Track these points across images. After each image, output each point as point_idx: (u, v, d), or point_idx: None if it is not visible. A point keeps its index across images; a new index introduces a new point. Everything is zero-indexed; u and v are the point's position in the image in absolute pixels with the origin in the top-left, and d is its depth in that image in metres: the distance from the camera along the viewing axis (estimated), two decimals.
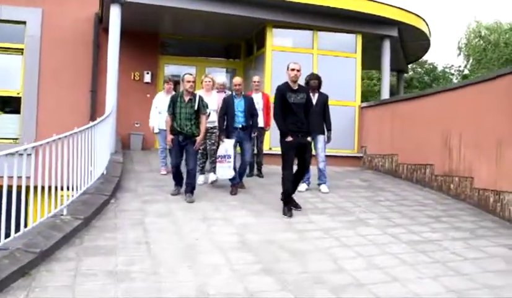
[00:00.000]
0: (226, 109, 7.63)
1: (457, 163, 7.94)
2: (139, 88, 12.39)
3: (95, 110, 11.60)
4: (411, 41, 13.59)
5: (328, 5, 10.82)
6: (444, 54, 49.58)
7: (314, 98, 7.87)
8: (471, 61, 30.49)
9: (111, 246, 5.02)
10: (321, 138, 8.06)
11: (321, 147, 8.10)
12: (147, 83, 12.52)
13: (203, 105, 7.04)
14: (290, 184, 6.43)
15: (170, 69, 13.02)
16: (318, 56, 11.44)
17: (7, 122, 11.53)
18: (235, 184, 7.61)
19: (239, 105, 7.68)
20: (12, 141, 10.95)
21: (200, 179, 8.17)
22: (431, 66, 30.92)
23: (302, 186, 7.92)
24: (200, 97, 7.07)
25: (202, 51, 13.44)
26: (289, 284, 4.18)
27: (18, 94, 11.51)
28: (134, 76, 12.40)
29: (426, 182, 8.85)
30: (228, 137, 7.58)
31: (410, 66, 19.10)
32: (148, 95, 11.68)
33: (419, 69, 30.85)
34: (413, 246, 5.37)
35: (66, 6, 11.71)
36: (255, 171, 9.13)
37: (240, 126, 7.64)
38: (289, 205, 6.47)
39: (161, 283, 4.10)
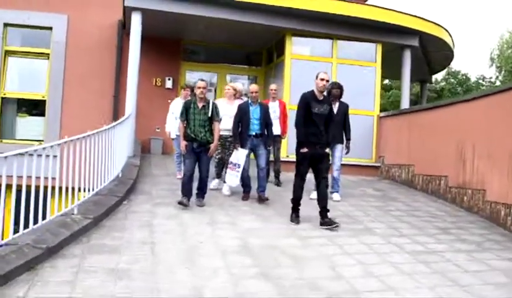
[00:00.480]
0: (241, 116, 7.49)
1: (470, 175, 7.86)
2: (160, 93, 12.62)
3: (117, 115, 11.84)
4: (433, 51, 13.49)
5: (347, 14, 10.86)
6: (477, 65, 48.82)
7: (335, 107, 7.80)
8: (503, 72, 29.98)
9: (117, 245, 5.17)
10: (339, 147, 8.07)
11: (338, 156, 8.08)
12: (168, 89, 12.75)
13: (216, 113, 7.02)
14: (300, 191, 6.41)
15: (192, 75, 13.22)
16: (337, 65, 11.46)
17: (32, 124, 11.91)
18: (248, 191, 7.63)
19: (255, 112, 7.54)
20: (37, 142, 11.27)
21: (213, 183, 8.15)
22: (464, 77, 30.52)
23: (314, 194, 7.96)
24: (214, 104, 7.06)
25: (224, 58, 13.61)
26: (285, 289, 4.25)
27: (43, 97, 11.87)
28: (156, 81, 12.64)
29: (441, 193, 8.78)
30: (242, 146, 7.46)
31: (441, 76, 18.93)
32: (169, 101, 11.80)
33: (452, 80, 30.48)
34: (415, 256, 5.36)
35: (90, 13, 12.04)
36: (273, 179, 9.00)
37: (254, 133, 7.52)
38: (298, 212, 6.47)
39: (158, 283, 4.22)
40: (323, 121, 6.32)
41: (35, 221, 5.00)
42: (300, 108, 6.34)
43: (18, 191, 4.68)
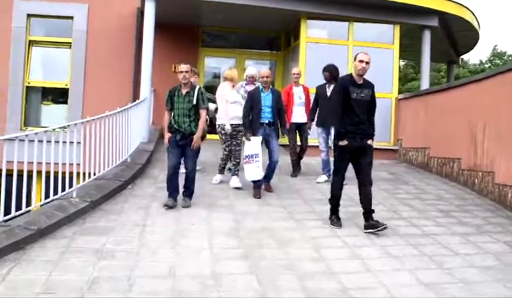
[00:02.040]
0: (252, 103, 6.98)
1: (480, 157, 7.65)
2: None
3: (136, 101, 12.07)
4: (456, 32, 13.08)
5: None
6: None
7: (329, 89, 7.78)
8: None
9: (110, 227, 5.33)
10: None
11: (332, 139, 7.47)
12: None
13: (202, 99, 6.22)
14: (339, 190, 5.65)
15: (210, 60, 13.33)
16: (353, 47, 11.27)
17: (56, 112, 12.28)
18: (259, 186, 7.00)
19: (266, 99, 7.01)
20: (60, 129, 11.62)
21: (216, 177, 7.61)
22: (511, 58, 29.41)
23: (322, 177, 7.96)
24: (200, 90, 6.29)
25: (242, 43, 13.60)
26: (259, 269, 4.29)
27: (66, 85, 12.20)
28: (175, 67, 12.76)
29: (454, 176, 8.58)
30: (254, 134, 6.93)
31: (485, 57, 18.35)
32: None
33: (498, 61, 29.43)
34: (406, 239, 5.29)
35: (110, 1, 12.27)
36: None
37: (267, 121, 7.00)
38: (337, 213, 5.72)
39: (138, 262, 4.35)
40: (364, 108, 5.53)
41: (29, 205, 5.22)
42: (339, 93, 5.56)
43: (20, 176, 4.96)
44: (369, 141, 5.56)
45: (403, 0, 10.84)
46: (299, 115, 8.38)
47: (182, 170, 6.51)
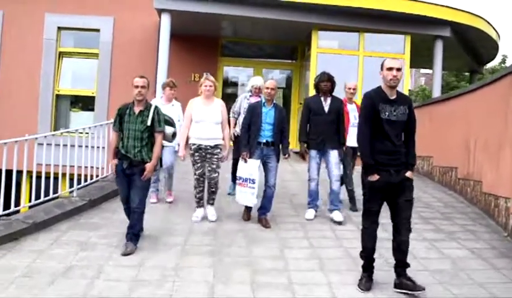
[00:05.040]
0: (251, 119, 6.15)
1: (472, 167, 7.82)
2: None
3: None
4: (474, 42, 13.12)
5: (374, 7, 10.93)
6: None
7: (326, 104, 6.45)
8: None
9: (101, 223, 5.91)
10: (335, 153, 6.41)
11: (335, 163, 6.40)
12: None
13: (158, 121, 5.18)
14: (372, 240, 4.41)
15: (229, 70, 13.88)
16: (364, 57, 11.57)
17: (83, 118, 13.08)
18: (265, 214, 6.23)
19: (268, 115, 6.13)
20: (86, 135, 12.43)
21: (198, 213, 6.26)
22: None
23: (310, 213, 6.57)
24: (156, 109, 5.23)
25: (260, 53, 14.13)
26: (219, 265, 4.74)
27: (92, 93, 13.01)
28: (194, 77, 13.38)
29: (452, 185, 8.75)
30: (250, 155, 6.13)
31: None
32: None
33: None
34: None
35: (134, 14, 12.99)
36: (347, 202, 7.13)
37: (265, 141, 6.12)
38: (370, 271, 4.44)
39: (112, 254, 4.88)
40: (398, 130, 4.24)
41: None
42: (364, 112, 4.32)
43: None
44: (408, 174, 4.25)
45: (414, 11, 11.08)
46: (354, 137, 6.60)
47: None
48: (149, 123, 5.10)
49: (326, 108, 6.42)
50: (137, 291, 4.08)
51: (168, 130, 5.45)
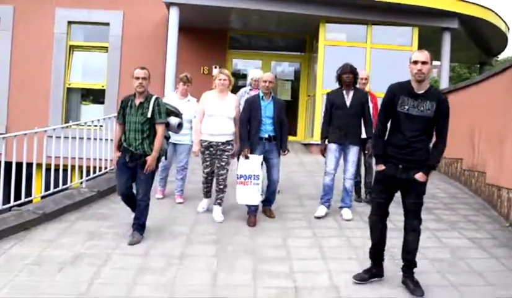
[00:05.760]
0: (250, 113, 5.98)
1: (477, 158, 7.86)
2: (207, 81, 13.36)
3: None
4: (483, 34, 13.07)
5: (381, 0, 10.95)
6: None
7: (348, 97, 6.16)
8: None
9: (109, 214, 6.07)
10: (354, 150, 6.21)
11: (352, 161, 6.21)
12: None
13: (158, 111, 5.13)
14: (379, 233, 4.36)
15: (237, 63, 13.98)
16: (371, 49, 11.60)
17: (93, 111, 13.25)
18: (254, 212, 5.95)
19: (267, 109, 6.00)
20: (96, 128, 12.63)
21: (203, 204, 6.31)
22: None
23: (321, 209, 6.29)
24: (157, 101, 5.17)
25: (268, 46, 14.20)
26: (223, 252, 4.87)
27: (102, 86, 13.19)
28: (203, 69, 13.50)
29: (457, 176, 8.80)
30: (252, 151, 5.96)
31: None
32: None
33: None
34: None
35: (143, 8, 13.11)
36: (363, 195, 7.05)
37: (267, 136, 5.99)
38: (379, 267, 4.39)
39: (119, 243, 5.02)
40: (419, 126, 4.05)
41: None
42: (382, 104, 4.31)
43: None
44: (418, 175, 4.06)
45: (421, 3, 11.07)
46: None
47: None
48: (149, 115, 5.07)
49: (348, 102, 6.16)
50: (142, 278, 4.24)
51: (174, 120, 5.37)
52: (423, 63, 3.94)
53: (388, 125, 4.25)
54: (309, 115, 12.83)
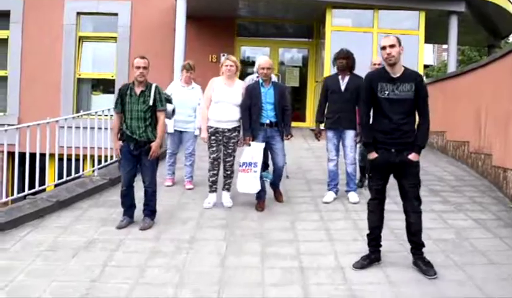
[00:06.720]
0: (251, 100, 5.94)
1: (483, 140, 7.90)
2: (215, 69, 13.42)
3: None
4: (490, 16, 12.99)
5: None
6: None
7: (343, 82, 6.23)
8: None
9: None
10: (351, 134, 6.26)
11: (350, 146, 6.29)
12: None
13: (160, 99, 5.28)
14: (376, 219, 4.48)
15: (245, 50, 14.04)
16: (378, 34, 11.58)
17: (103, 101, 13.41)
18: (262, 199, 6.05)
19: (268, 95, 5.97)
20: (107, 117, 12.80)
21: (210, 199, 6.11)
22: None
23: (329, 195, 6.40)
24: (157, 88, 5.33)
25: (276, 33, 14.22)
26: (231, 236, 5.00)
27: (112, 76, 13.33)
28: (211, 58, 13.58)
29: (464, 159, 8.84)
30: (254, 137, 5.99)
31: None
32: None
33: None
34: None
35: None
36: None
37: (268, 121, 5.97)
38: (377, 253, 4.47)
39: (131, 229, 5.18)
40: (402, 109, 4.15)
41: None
42: (362, 94, 4.59)
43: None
44: (411, 156, 4.16)
45: None
46: None
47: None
48: (151, 103, 5.19)
49: (342, 87, 6.22)
50: (153, 261, 4.39)
51: (170, 107, 5.54)
52: (391, 46, 4.06)
53: (371, 113, 4.35)
54: (317, 101, 12.84)
